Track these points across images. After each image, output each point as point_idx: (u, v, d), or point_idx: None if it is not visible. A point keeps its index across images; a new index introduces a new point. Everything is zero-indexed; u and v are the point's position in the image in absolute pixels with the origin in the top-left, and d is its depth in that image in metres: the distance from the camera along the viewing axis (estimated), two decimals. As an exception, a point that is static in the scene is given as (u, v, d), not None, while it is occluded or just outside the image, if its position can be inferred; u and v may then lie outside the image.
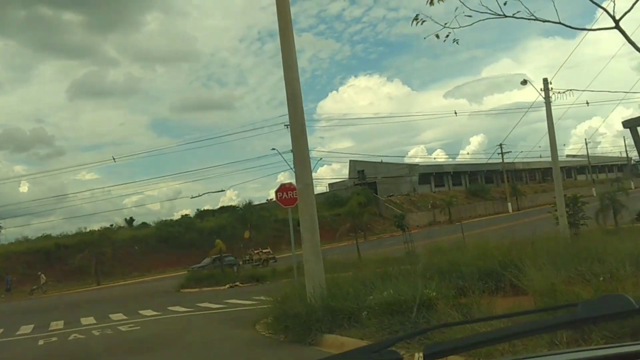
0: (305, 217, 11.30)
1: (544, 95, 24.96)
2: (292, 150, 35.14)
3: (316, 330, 9.52)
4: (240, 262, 35.87)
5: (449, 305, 8.16)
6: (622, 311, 1.50)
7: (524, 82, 26.87)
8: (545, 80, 25.14)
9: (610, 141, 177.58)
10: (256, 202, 67.82)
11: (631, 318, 4.44)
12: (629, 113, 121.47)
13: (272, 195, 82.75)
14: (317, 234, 11.36)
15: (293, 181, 16.85)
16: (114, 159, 51.05)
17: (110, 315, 19.39)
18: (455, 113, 68.58)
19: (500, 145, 73.78)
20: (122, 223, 69.91)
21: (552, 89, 24.85)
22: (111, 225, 66.82)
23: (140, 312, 19.69)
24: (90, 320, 18.79)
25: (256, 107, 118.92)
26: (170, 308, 20.14)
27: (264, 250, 38.35)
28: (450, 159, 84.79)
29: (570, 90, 24.87)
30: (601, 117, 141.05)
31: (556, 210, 26.88)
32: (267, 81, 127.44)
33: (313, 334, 9.52)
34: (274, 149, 47.12)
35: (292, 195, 15.09)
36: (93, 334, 15.34)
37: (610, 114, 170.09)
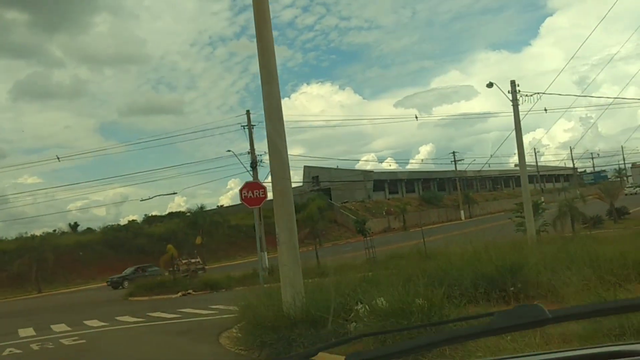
0: (282, 215, 9.95)
1: (511, 98, 24.50)
2: (248, 152, 34.22)
3: (298, 346, 8.24)
4: (166, 273, 33.31)
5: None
6: (537, 320, 1.52)
7: (490, 85, 26.42)
8: (513, 83, 24.75)
9: (553, 152, 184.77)
10: (207, 208, 66.24)
11: (545, 327, 4.46)
12: (570, 125, 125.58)
13: (222, 202, 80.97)
14: (295, 234, 10.07)
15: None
16: (58, 158, 48.12)
17: (52, 326, 17.83)
18: (416, 117, 68.48)
19: (454, 153, 74.48)
20: (65, 228, 66.97)
21: (519, 91, 24.45)
22: (54, 230, 63.96)
23: (86, 322, 18.24)
24: (29, 332, 17.26)
25: (206, 112, 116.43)
26: (118, 318, 18.59)
27: (192, 260, 36.35)
28: (401, 167, 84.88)
29: (538, 93, 24.52)
30: (544, 129, 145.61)
31: (517, 217, 26.65)
32: (218, 86, 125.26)
33: (294, 350, 8.23)
34: (229, 150, 45.53)
35: (259, 194, 13.76)
36: (32, 348, 13.88)
37: (553, 126, 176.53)
